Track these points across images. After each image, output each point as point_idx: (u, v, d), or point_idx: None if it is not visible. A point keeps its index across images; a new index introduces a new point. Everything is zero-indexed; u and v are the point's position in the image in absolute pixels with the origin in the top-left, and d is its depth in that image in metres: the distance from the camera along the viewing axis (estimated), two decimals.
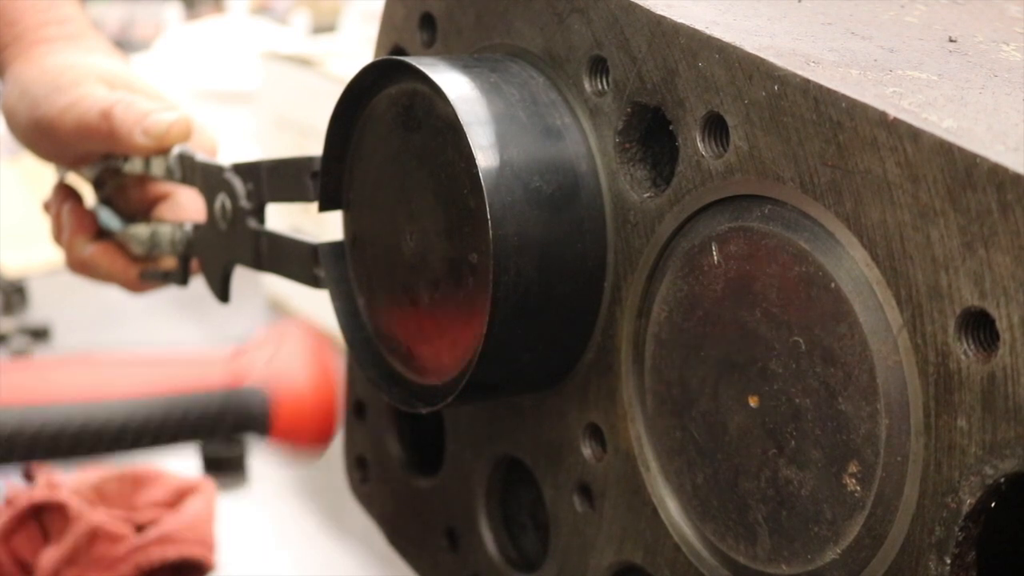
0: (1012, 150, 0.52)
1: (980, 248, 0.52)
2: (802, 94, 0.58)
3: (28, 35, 1.00)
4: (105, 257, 0.99)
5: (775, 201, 0.60)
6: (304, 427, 0.76)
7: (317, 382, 0.76)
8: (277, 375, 0.76)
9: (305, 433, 0.77)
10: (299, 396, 0.76)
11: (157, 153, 0.93)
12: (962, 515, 0.54)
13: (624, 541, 0.70)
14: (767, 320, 0.61)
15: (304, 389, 0.76)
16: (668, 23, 0.64)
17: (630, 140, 0.68)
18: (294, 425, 0.76)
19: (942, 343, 0.54)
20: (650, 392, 0.67)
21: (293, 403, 0.76)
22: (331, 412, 0.77)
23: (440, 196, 0.71)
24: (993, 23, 0.73)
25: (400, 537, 0.89)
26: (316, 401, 0.76)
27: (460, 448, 0.82)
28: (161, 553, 1.10)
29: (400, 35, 0.81)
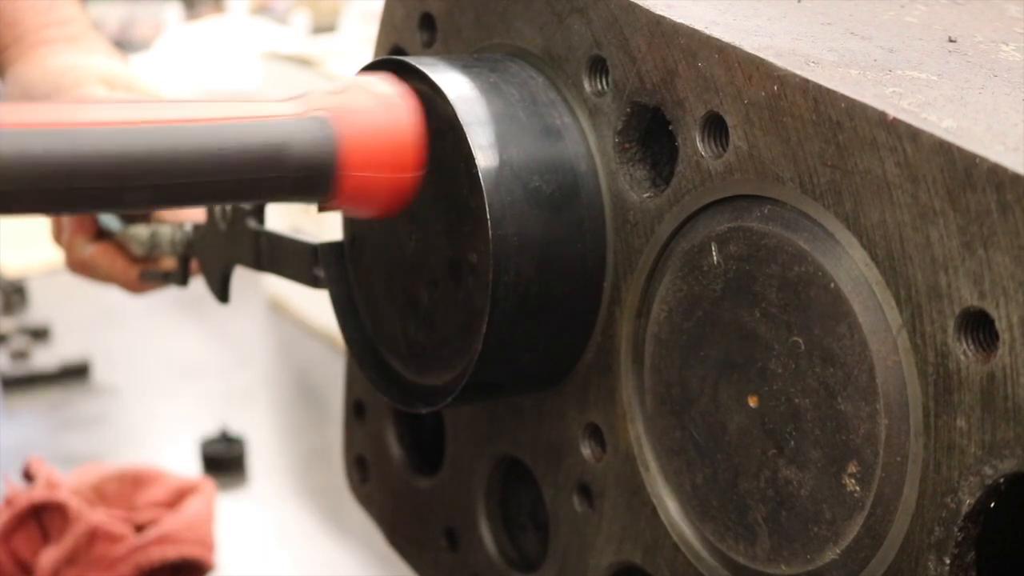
0: (1011, 150, 0.52)
1: (979, 248, 0.52)
2: (802, 94, 0.58)
3: (29, 36, 1.00)
4: (105, 258, 0.99)
5: (775, 201, 0.60)
6: (380, 161, 0.68)
7: (392, 116, 0.68)
8: (346, 107, 0.68)
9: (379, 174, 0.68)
10: (371, 125, 0.68)
11: None
12: (961, 515, 0.54)
13: (624, 541, 0.70)
14: (766, 320, 0.61)
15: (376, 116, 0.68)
16: (668, 23, 0.64)
17: (630, 140, 0.68)
18: (368, 158, 0.67)
19: (941, 343, 0.54)
20: (650, 392, 0.67)
21: (365, 134, 0.67)
22: (410, 146, 0.68)
23: (440, 196, 0.71)
24: (993, 23, 0.73)
25: (400, 537, 0.89)
26: (390, 131, 0.68)
27: (460, 448, 0.82)
28: (161, 553, 1.10)
29: (400, 35, 0.81)
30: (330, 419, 1.51)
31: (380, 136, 0.68)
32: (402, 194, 0.69)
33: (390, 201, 0.69)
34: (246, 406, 1.60)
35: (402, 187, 0.69)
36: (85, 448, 1.48)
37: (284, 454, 1.51)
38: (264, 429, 1.54)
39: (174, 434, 1.51)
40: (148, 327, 1.87)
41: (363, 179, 0.67)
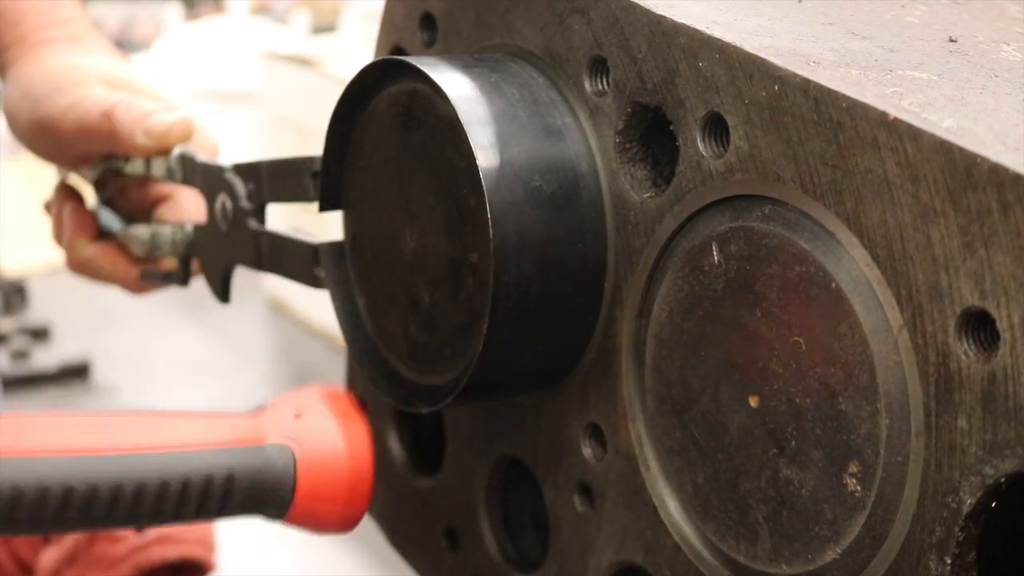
0: (1012, 150, 0.52)
1: (980, 248, 0.52)
2: (802, 94, 0.58)
3: (29, 36, 1.00)
4: (106, 258, 0.99)
5: (775, 201, 0.60)
6: (334, 494, 0.70)
7: (351, 445, 0.70)
8: (305, 435, 0.70)
9: (335, 501, 0.70)
10: (331, 456, 0.70)
11: (158, 153, 0.93)
12: (962, 515, 0.54)
13: (624, 541, 0.70)
14: (767, 320, 0.61)
15: (336, 449, 0.70)
16: (668, 23, 0.64)
17: (630, 140, 0.68)
18: (323, 490, 0.69)
19: (942, 343, 0.54)
20: (650, 392, 0.67)
21: (323, 464, 0.69)
22: (366, 480, 0.70)
23: (440, 196, 0.71)
24: (993, 23, 0.73)
25: (400, 537, 0.89)
26: (350, 464, 0.70)
27: (460, 448, 0.82)
28: (161, 553, 1.10)
29: (400, 35, 0.81)
30: None
31: (338, 471, 0.71)
32: (351, 522, 0.73)
33: (339, 528, 0.72)
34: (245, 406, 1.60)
35: (352, 517, 0.72)
36: None
37: None
38: None
39: None
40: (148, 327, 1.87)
41: (316, 508, 0.70)
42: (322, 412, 0.72)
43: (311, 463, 0.69)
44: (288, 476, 0.69)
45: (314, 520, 0.71)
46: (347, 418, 0.72)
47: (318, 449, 0.70)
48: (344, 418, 0.72)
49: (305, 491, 0.69)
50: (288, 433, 0.70)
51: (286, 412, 0.71)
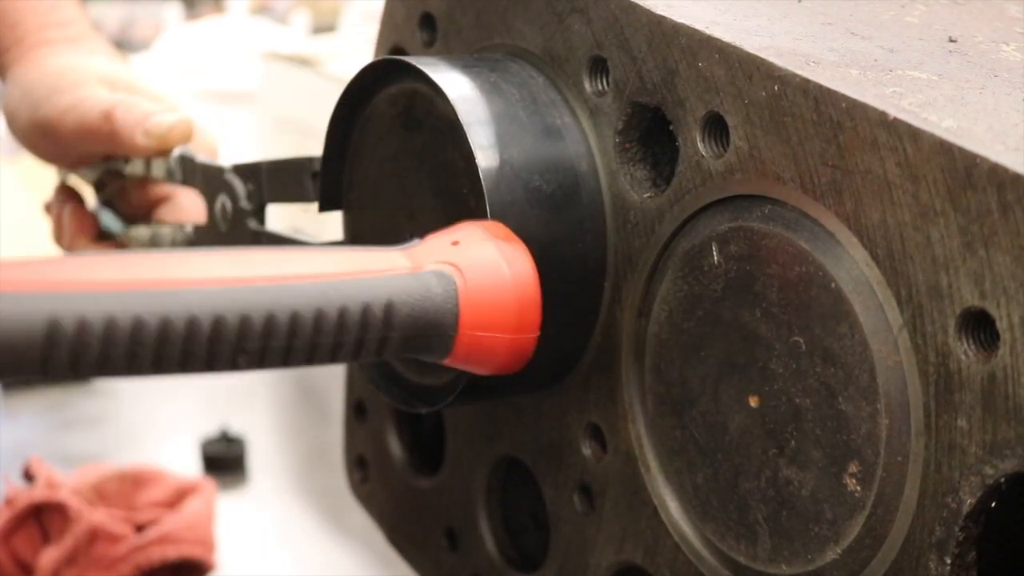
0: (1012, 150, 0.52)
1: (980, 248, 0.52)
2: (802, 94, 0.58)
3: (29, 37, 1.00)
4: None
5: (775, 201, 0.60)
6: (502, 319, 0.63)
7: (514, 267, 0.64)
8: (465, 260, 0.63)
9: (503, 328, 0.63)
10: (494, 278, 0.63)
11: (158, 154, 0.93)
12: (962, 515, 0.54)
13: (624, 541, 0.70)
14: (767, 320, 0.61)
15: (500, 271, 0.63)
16: (668, 23, 0.64)
17: (630, 140, 0.68)
18: (490, 315, 0.62)
19: (942, 343, 0.54)
20: (650, 392, 0.67)
21: (487, 286, 0.63)
22: (534, 303, 0.64)
23: (440, 196, 0.71)
24: (993, 23, 0.73)
25: (400, 537, 0.89)
26: (515, 285, 0.63)
27: (460, 448, 0.82)
28: (161, 553, 1.10)
29: (400, 35, 0.81)
30: (330, 419, 1.51)
31: (503, 294, 0.64)
32: (521, 354, 0.66)
33: (509, 361, 0.66)
34: (246, 406, 1.60)
35: (522, 347, 0.65)
36: (85, 448, 1.48)
37: (284, 454, 1.51)
38: (264, 429, 1.54)
39: (174, 434, 1.51)
40: None
41: (483, 339, 0.64)
42: (480, 236, 0.65)
43: (474, 286, 0.63)
44: (451, 301, 0.62)
45: (482, 353, 0.64)
46: (508, 240, 0.65)
47: (480, 272, 0.63)
48: (505, 241, 0.65)
49: (470, 316, 0.63)
50: (446, 259, 0.63)
51: (442, 242, 0.65)
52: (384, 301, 0.61)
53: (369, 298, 0.61)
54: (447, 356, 0.64)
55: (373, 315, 0.61)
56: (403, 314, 0.61)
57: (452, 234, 0.65)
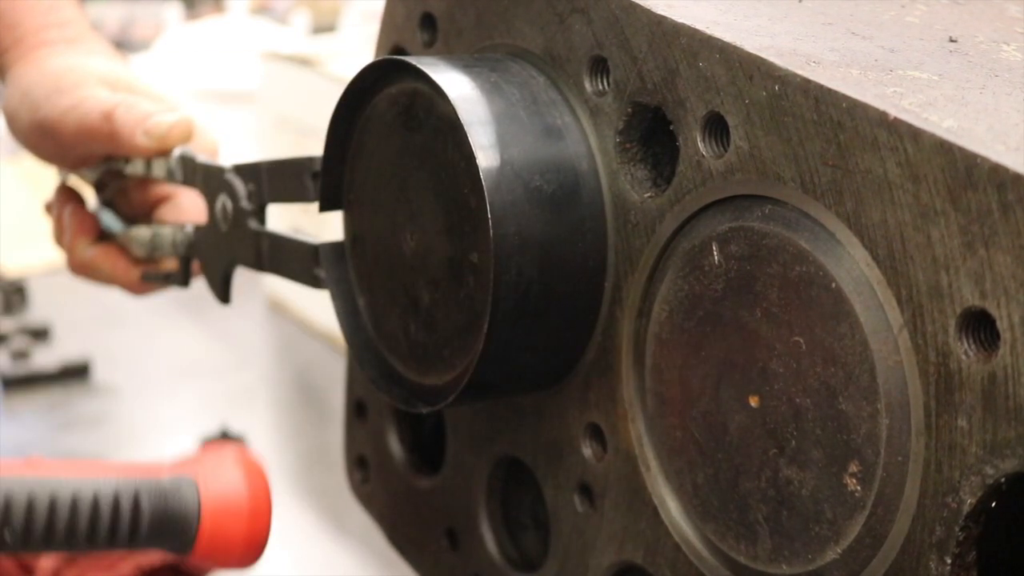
0: (1013, 150, 0.52)
1: (981, 248, 0.52)
2: (803, 94, 0.58)
3: (28, 38, 1.00)
4: (107, 259, 0.99)
5: (776, 201, 0.60)
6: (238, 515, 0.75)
7: (252, 488, 0.76)
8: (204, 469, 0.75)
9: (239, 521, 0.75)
10: (232, 492, 0.75)
11: (158, 154, 0.93)
12: (963, 515, 0.54)
13: (624, 541, 0.70)
14: (768, 320, 0.61)
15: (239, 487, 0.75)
16: (669, 23, 0.64)
17: (631, 140, 0.68)
18: (227, 515, 0.74)
19: (943, 343, 0.54)
20: (651, 392, 0.67)
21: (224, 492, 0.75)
22: (265, 519, 0.75)
23: (440, 196, 0.71)
24: (993, 23, 0.73)
25: (400, 537, 0.89)
26: (251, 501, 0.75)
27: (460, 448, 0.82)
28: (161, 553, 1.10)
29: (400, 35, 0.81)
30: (330, 419, 1.51)
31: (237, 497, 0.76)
32: (257, 545, 0.77)
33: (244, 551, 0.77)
34: (246, 406, 1.60)
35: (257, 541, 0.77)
36: (85, 448, 1.48)
37: (284, 454, 1.51)
38: (264, 429, 1.54)
39: (174, 434, 1.51)
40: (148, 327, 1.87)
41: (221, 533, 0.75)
42: (219, 453, 0.78)
43: (213, 491, 0.75)
44: (192, 501, 0.74)
45: (220, 546, 0.75)
46: (245, 459, 0.78)
47: (218, 479, 0.76)
48: (241, 458, 0.78)
49: (210, 515, 0.74)
50: (187, 470, 0.76)
51: (184, 458, 0.77)
52: (132, 492, 0.73)
53: (121, 490, 0.73)
54: (190, 548, 0.75)
55: (123, 507, 0.72)
56: (150, 506, 0.73)
57: (194, 455, 0.78)
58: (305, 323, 1.82)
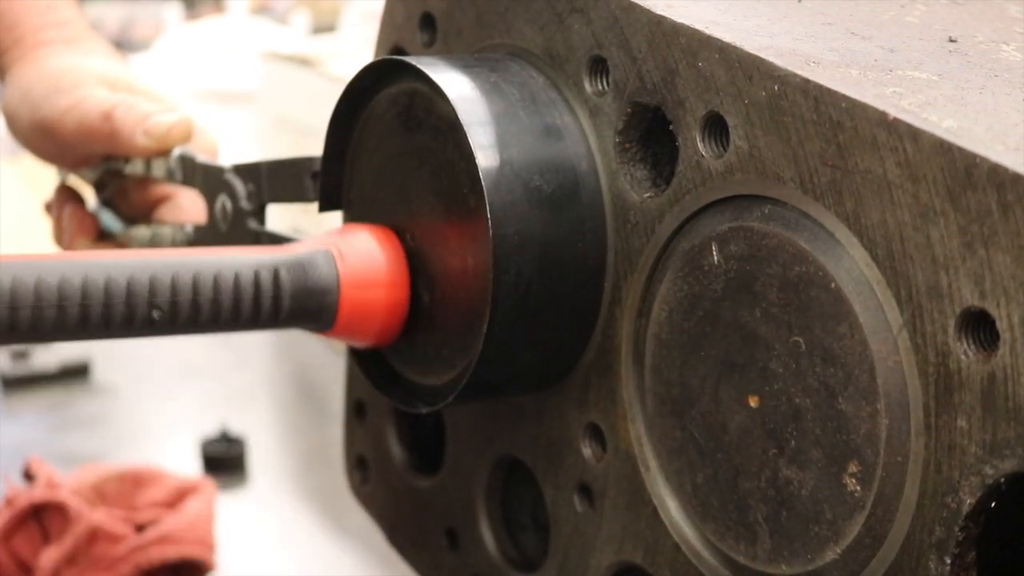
0: (1012, 150, 0.52)
1: (980, 248, 0.52)
2: (802, 94, 0.58)
3: (28, 38, 1.00)
4: None
5: (775, 201, 0.60)
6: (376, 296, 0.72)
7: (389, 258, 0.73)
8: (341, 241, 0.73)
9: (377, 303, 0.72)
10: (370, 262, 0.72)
11: (158, 154, 0.93)
12: (962, 515, 0.54)
13: (624, 541, 0.70)
14: (767, 320, 0.61)
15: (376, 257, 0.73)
16: (668, 23, 0.64)
17: (630, 140, 0.68)
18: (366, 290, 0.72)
19: (942, 343, 0.54)
20: (650, 392, 0.67)
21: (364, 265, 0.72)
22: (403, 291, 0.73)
23: (440, 196, 0.71)
24: (993, 23, 0.73)
25: (400, 537, 0.89)
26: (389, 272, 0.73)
27: (460, 448, 0.82)
28: (161, 553, 1.10)
29: (400, 35, 0.81)
30: (330, 419, 1.51)
31: (377, 276, 0.73)
32: (396, 313, 0.74)
33: (386, 321, 0.74)
34: (246, 406, 1.60)
35: (395, 306, 0.74)
36: (85, 448, 1.48)
37: (284, 454, 1.51)
38: (264, 429, 1.54)
39: (174, 434, 1.51)
40: None
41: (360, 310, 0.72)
42: (353, 228, 0.75)
43: (351, 262, 0.72)
44: (331, 271, 0.71)
45: (361, 317, 0.72)
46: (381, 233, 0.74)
47: (355, 251, 0.72)
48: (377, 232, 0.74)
49: (349, 284, 0.71)
50: (323, 244, 0.73)
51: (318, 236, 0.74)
52: (272, 267, 0.70)
53: (258, 265, 0.70)
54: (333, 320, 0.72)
55: (263, 280, 0.70)
56: (290, 278, 0.71)
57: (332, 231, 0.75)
58: None
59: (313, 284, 0.71)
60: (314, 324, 0.73)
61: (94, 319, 0.67)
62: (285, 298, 0.71)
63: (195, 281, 0.69)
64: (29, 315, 0.65)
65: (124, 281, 0.67)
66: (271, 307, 0.71)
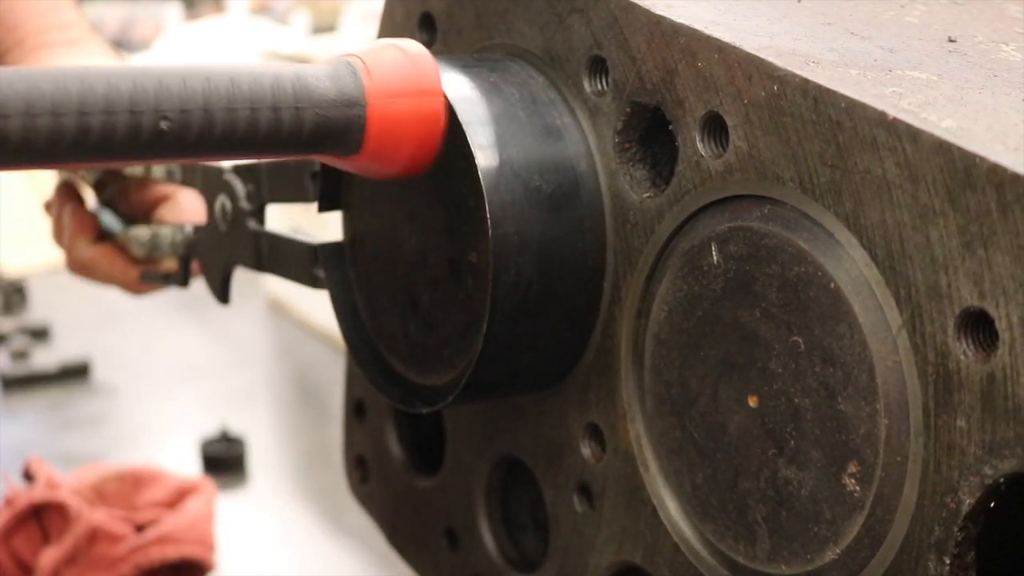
0: (1011, 150, 0.52)
1: (979, 248, 0.52)
2: (801, 94, 0.58)
3: (29, 40, 1.00)
4: (106, 259, 0.99)
5: (775, 201, 0.60)
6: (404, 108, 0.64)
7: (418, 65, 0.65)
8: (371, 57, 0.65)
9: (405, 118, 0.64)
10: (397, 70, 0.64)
11: None
12: (961, 515, 0.54)
13: (623, 541, 0.70)
14: (766, 320, 0.61)
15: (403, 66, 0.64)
16: (667, 23, 0.64)
17: (629, 140, 0.68)
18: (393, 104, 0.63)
19: (941, 343, 0.54)
20: (650, 392, 0.67)
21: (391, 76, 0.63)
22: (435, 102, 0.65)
23: (440, 196, 0.71)
24: (993, 23, 0.73)
25: (400, 537, 0.89)
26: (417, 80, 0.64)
27: (460, 448, 0.82)
28: (161, 553, 1.10)
29: (400, 35, 0.81)
30: (330, 419, 1.51)
31: (407, 85, 0.64)
32: (429, 149, 0.66)
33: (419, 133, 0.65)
34: (246, 406, 1.60)
35: (429, 139, 0.66)
36: (85, 448, 1.48)
37: (284, 454, 1.51)
38: (264, 429, 1.54)
39: (174, 434, 1.51)
40: (148, 327, 1.87)
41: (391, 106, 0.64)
42: (381, 42, 0.67)
43: (378, 76, 0.64)
44: (357, 84, 0.64)
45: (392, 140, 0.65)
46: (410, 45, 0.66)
47: (383, 58, 0.65)
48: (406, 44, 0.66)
49: (377, 87, 0.64)
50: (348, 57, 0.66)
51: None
52: (292, 76, 0.62)
53: (277, 74, 0.62)
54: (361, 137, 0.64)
55: (282, 88, 0.62)
56: (312, 87, 0.62)
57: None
58: (305, 323, 1.82)
59: (338, 95, 0.63)
60: (340, 147, 0.65)
61: (95, 132, 0.58)
62: (307, 109, 0.62)
63: (206, 88, 0.60)
64: (19, 127, 0.56)
65: (127, 88, 0.59)
66: (292, 121, 0.62)
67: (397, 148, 0.65)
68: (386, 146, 0.64)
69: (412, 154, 0.65)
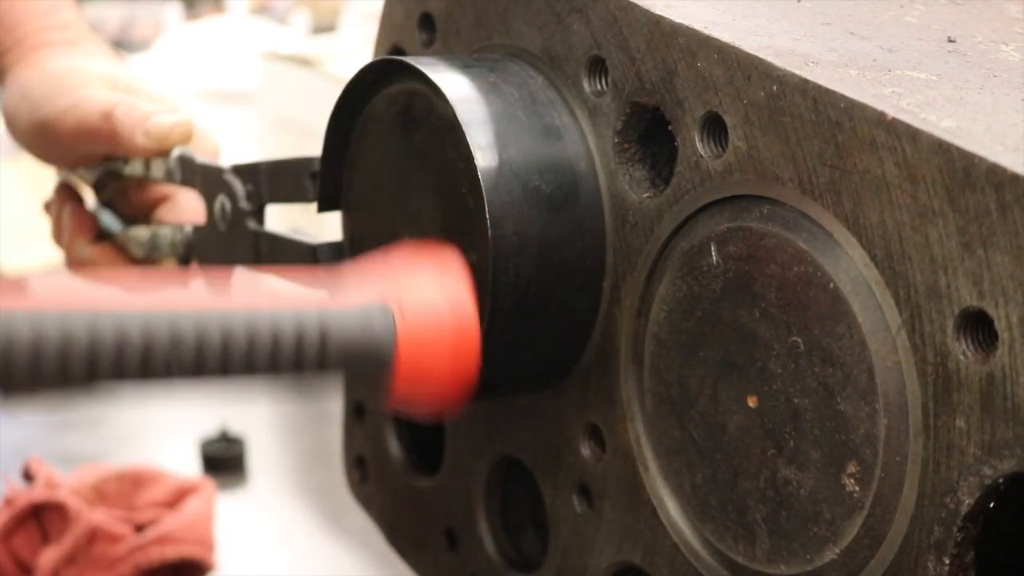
0: (1011, 150, 0.52)
1: (979, 248, 0.52)
2: (801, 94, 0.58)
3: (28, 40, 1.00)
4: (105, 259, 0.99)
5: (774, 201, 0.60)
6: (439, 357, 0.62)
7: (455, 308, 0.62)
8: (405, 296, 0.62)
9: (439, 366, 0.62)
10: (434, 317, 0.61)
11: (158, 155, 0.93)
12: (961, 515, 0.54)
13: (623, 541, 0.70)
14: (766, 320, 0.61)
15: (440, 311, 0.61)
16: (667, 23, 0.64)
17: (629, 140, 0.68)
18: (426, 353, 0.61)
19: (941, 343, 0.54)
20: (649, 392, 0.67)
21: (426, 324, 0.61)
22: (472, 347, 0.62)
23: (439, 196, 0.71)
24: (992, 23, 0.73)
25: (399, 537, 0.89)
26: (454, 326, 0.62)
27: (459, 448, 0.82)
28: (161, 553, 1.10)
29: (399, 35, 0.81)
30: (330, 419, 1.51)
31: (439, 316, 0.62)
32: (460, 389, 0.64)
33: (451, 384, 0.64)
34: (246, 406, 1.60)
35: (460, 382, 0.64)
36: (85, 448, 1.48)
37: (284, 454, 1.51)
38: (264, 429, 1.54)
39: (174, 434, 1.51)
40: None
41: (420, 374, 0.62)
42: (415, 271, 0.64)
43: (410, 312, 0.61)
44: (387, 323, 0.61)
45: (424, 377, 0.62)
46: (444, 273, 0.64)
47: (415, 299, 0.62)
48: (441, 274, 0.64)
49: (408, 338, 0.61)
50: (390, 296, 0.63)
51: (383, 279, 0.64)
52: (317, 327, 0.60)
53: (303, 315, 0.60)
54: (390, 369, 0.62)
55: (308, 340, 0.60)
56: (337, 340, 0.60)
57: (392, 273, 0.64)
58: None
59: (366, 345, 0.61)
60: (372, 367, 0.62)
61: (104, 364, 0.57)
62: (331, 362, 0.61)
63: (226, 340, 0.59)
64: None
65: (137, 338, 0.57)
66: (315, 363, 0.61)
67: (426, 394, 0.64)
68: (414, 393, 0.63)
69: (442, 397, 0.64)
